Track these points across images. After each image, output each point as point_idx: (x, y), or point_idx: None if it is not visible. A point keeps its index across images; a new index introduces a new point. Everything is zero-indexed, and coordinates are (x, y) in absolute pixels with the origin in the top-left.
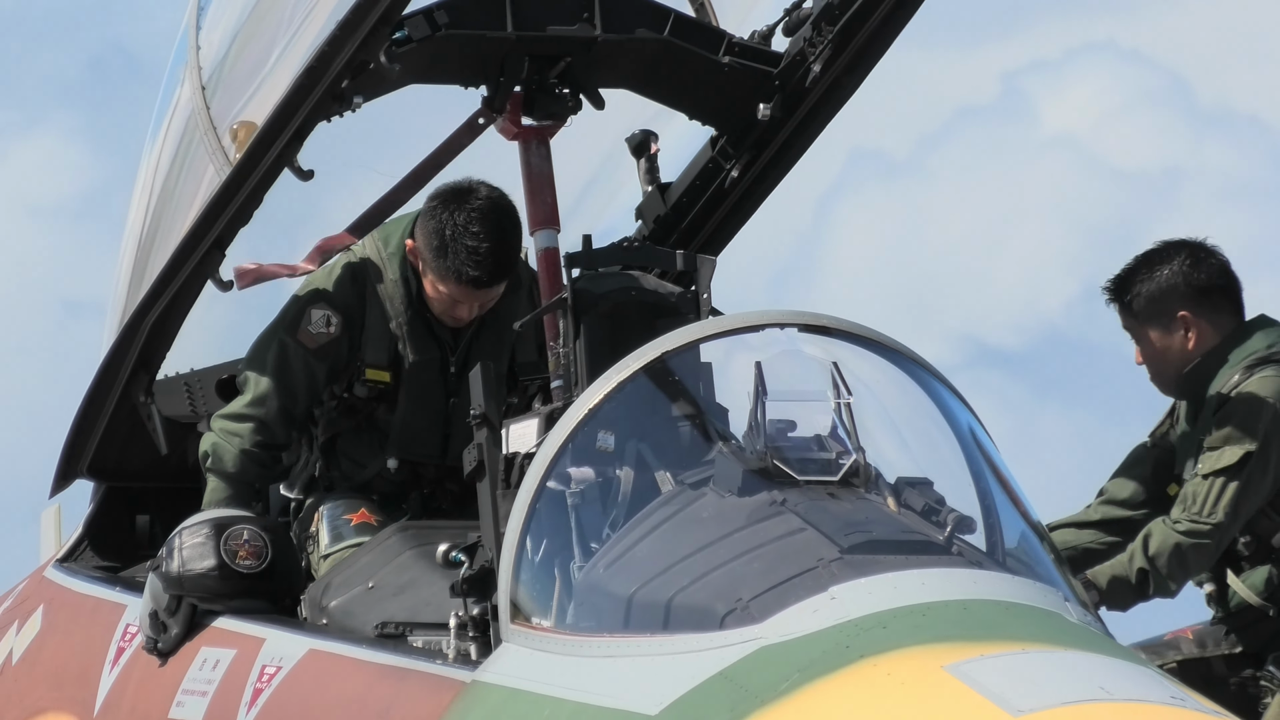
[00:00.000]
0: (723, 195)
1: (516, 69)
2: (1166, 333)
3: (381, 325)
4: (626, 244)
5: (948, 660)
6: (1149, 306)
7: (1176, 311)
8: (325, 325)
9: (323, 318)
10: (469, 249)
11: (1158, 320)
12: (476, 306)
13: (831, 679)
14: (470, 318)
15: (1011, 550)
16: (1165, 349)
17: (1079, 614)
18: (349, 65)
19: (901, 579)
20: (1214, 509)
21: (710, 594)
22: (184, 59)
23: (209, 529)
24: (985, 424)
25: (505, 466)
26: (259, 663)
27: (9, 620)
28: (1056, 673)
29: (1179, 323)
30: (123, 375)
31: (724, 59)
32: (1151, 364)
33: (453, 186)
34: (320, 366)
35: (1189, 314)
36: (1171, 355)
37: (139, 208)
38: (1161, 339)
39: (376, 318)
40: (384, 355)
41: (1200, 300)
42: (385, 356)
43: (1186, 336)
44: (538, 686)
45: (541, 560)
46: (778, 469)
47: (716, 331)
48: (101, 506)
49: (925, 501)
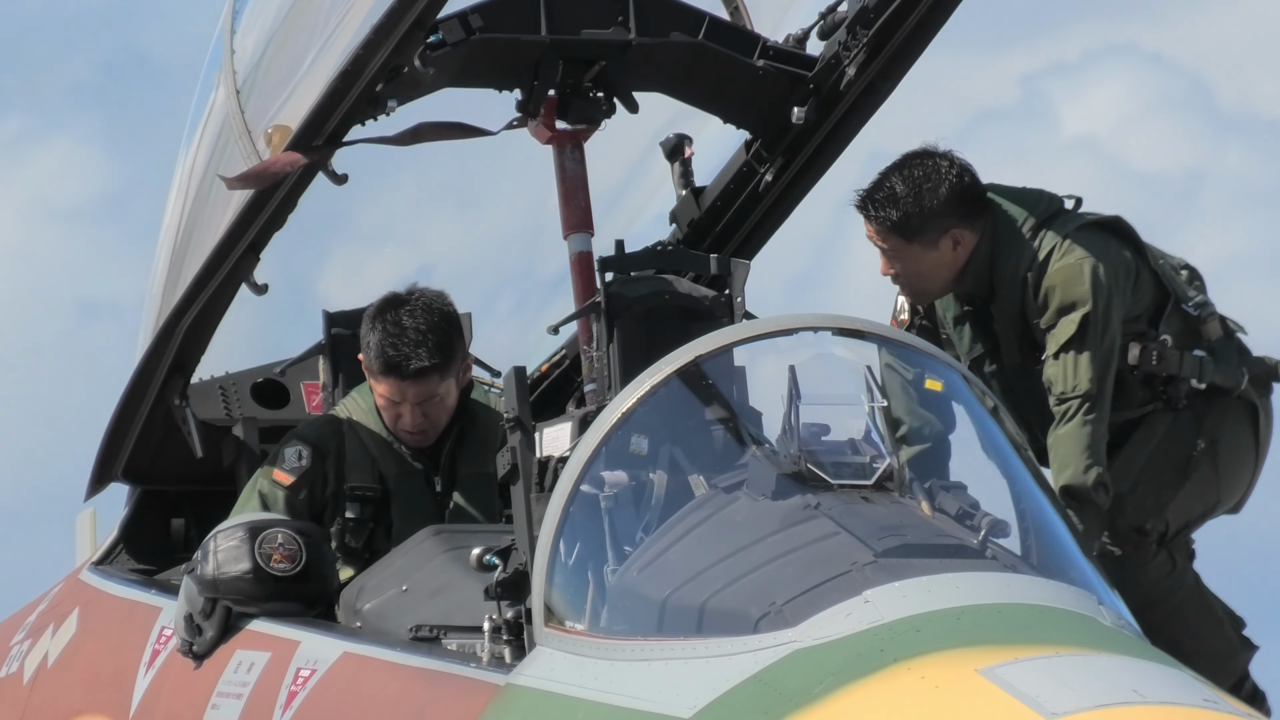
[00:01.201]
0: (757, 199)
1: (551, 72)
2: (934, 249)
3: (361, 453)
4: (660, 248)
5: (982, 664)
6: (919, 227)
7: (948, 229)
8: (297, 460)
9: (295, 453)
10: (392, 336)
11: (925, 238)
12: (420, 412)
13: (865, 683)
14: (414, 425)
15: (1045, 554)
16: (935, 264)
17: (1113, 617)
18: (383, 69)
19: (936, 583)
20: (1076, 380)
21: (744, 597)
22: (219, 63)
23: (244, 532)
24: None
25: (539, 470)
26: (293, 666)
27: (44, 623)
28: (1090, 676)
29: (949, 238)
30: (158, 379)
31: (758, 62)
32: (914, 280)
33: (389, 295)
34: (298, 498)
35: (958, 229)
36: (941, 269)
37: (174, 211)
38: (928, 255)
39: (355, 447)
40: (367, 475)
41: (965, 212)
42: (369, 476)
43: (956, 250)
44: (572, 690)
45: (575, 564)
46: (811, 473)
47: (750, 335)
48: (137, 510)
49: (959, 505)
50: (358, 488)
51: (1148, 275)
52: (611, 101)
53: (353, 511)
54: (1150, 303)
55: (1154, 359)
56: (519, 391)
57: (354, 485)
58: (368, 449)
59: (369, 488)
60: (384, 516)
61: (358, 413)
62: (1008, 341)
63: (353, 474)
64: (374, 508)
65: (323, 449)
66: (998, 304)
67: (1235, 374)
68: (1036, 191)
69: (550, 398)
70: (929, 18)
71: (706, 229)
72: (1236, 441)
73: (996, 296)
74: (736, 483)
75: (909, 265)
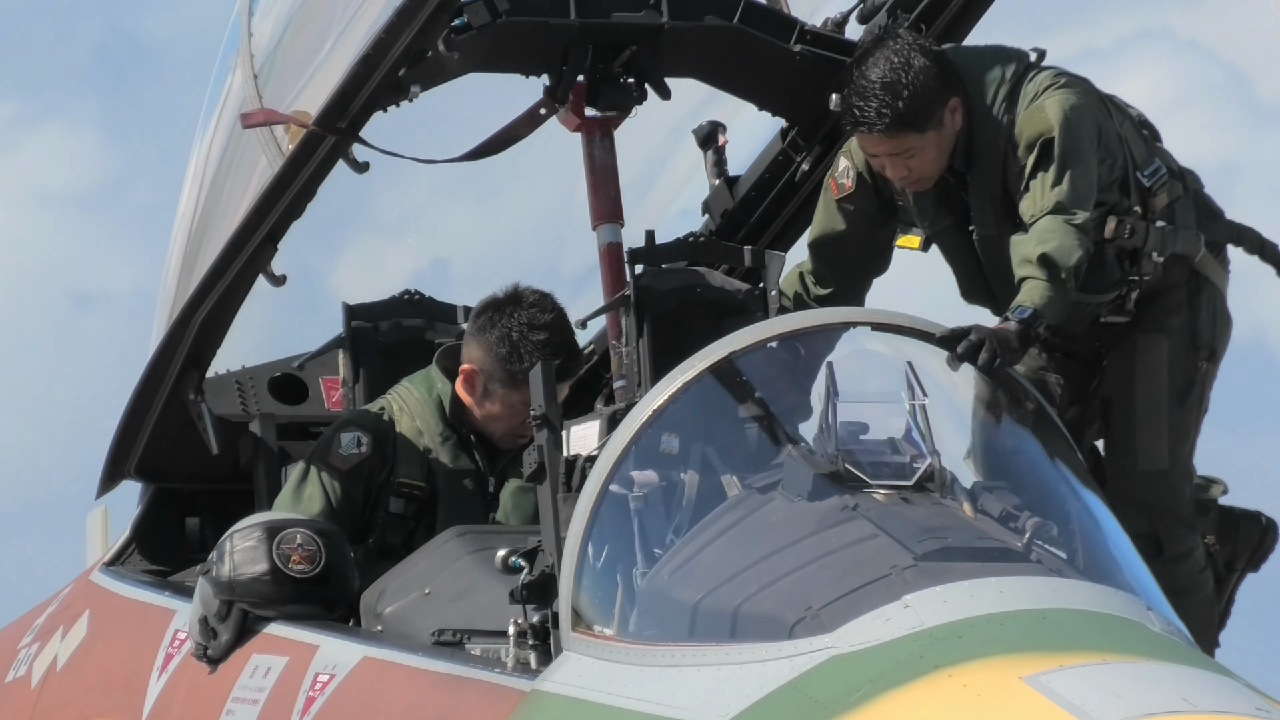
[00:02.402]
0: (793, 189)
1: (580, 58)
2: (941, 126)
3: (411, 447)
4: (692, 239)
5: (1026, 671)
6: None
7: (945, 100)
8: (356, 446)
9: (353, 439)
10: (540, 343)
11: (932, 120)
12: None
13: (905, 690)
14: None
15: (1092, 557)
16: (943, 143)
17: (1162, 623)
18: (406, 53)
19: (978, 587)
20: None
21: (779, 602)
22: (235, 46)
23: (261, 532)
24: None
25: (566, 469)
26: (311, 670)
27: (54, 625)
28: (1138, 684)
29: (947, 110)
30: (172, 372)
31: (796, 47)
32: (928, 167)
33: (498, 297)
34: (354, 489)
35: (951, 96)
36: (946, 144)
37: (189, 199)
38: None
39: (407, 440)
40: (417, 470)
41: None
42: (419, 471)
43: (954, 117)
44: (600, 696)
45: (604, 566)
46: (849, 473)
47: (786, 330)
48: (150, 508)
49: (1003, 506)
50: (406, 484)
51: (1114, 134)
52: (643, 88)
53: (397, 507)
54: (1121, 167)
55: (1128, 232)
56: (546, 387)
57: (402, 480)
58: (419, 443)
59: (417, 485)
60: (427, 515)
61: (411, 404)
62: (982, 212)
63: (403, 468)
64: (418, 505)
65: (382, 438)
66: (976, 173)
67: (1195, 241)
68: (999, 50)
69: (578, 394)
70: (971, 1)
71: (740, 220)
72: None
73: (974, 166)
74: (771, 483)
75: (923, 156)
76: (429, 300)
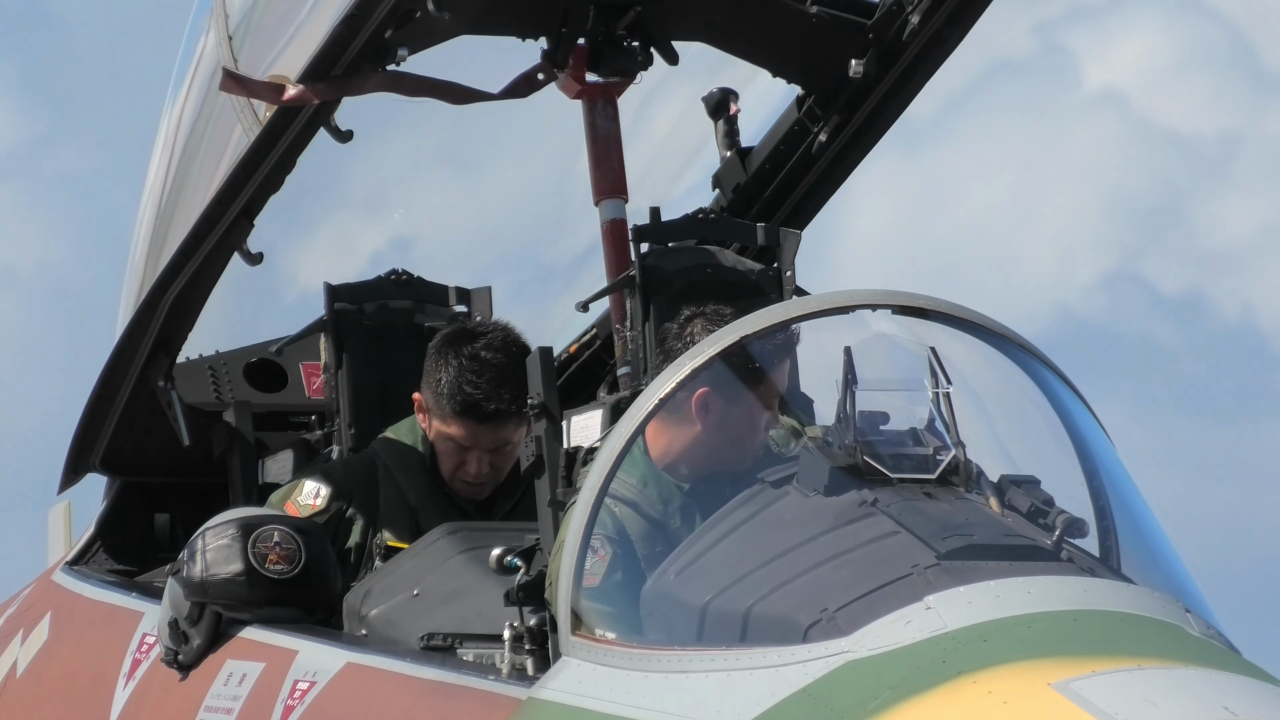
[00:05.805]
0: (810, 161)
1: (581, 19)
2: None
3: (398, 504)
4: (702, 216)
5: (1055, 677)
6: None
7: None
8: (314, 497)
9: (313, 490)
10: (471, 373)
11: None
12: (487, 460)
13: (926, 698)
14: (479, 475)
15: (1127, 556)
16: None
17: (1201, 626)
18: (393, 13)
19: (1005, 587)
20: None
21: (792, 603)
22: (208, 5)
23: (236, 529)
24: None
25: (566, 462)
26: (290, 677)
27: (13, 629)
28: (1176, 692)
29: None
30: (140, 358)
31: (812, 9)
32: None
33: (459, 327)
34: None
35: None
36: None
37: (158, 171)
38: None
39: (392, 496)
40: (405, 530)
41: None
42: (406, 531)
43: None
44: (601, 704)
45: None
46: (868, 465)
47: (802, 313)
48: (116, 504)
49: (1032, 502)
50: (394, 547)
51: None
52: (648, 52)
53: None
54: None
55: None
56: (545, 375)
57: (390, 545)
58: (406, 499)
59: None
60: None
61: (395, 459)
62: None
63: (386, 527)
64: None
65: (344, 493)
66: None
67: None
68: None
69: (579, 382)
70: None
71: (753, 195)
72: None
73: None
74: (785, 476)
75: None
76: (418, 280)
